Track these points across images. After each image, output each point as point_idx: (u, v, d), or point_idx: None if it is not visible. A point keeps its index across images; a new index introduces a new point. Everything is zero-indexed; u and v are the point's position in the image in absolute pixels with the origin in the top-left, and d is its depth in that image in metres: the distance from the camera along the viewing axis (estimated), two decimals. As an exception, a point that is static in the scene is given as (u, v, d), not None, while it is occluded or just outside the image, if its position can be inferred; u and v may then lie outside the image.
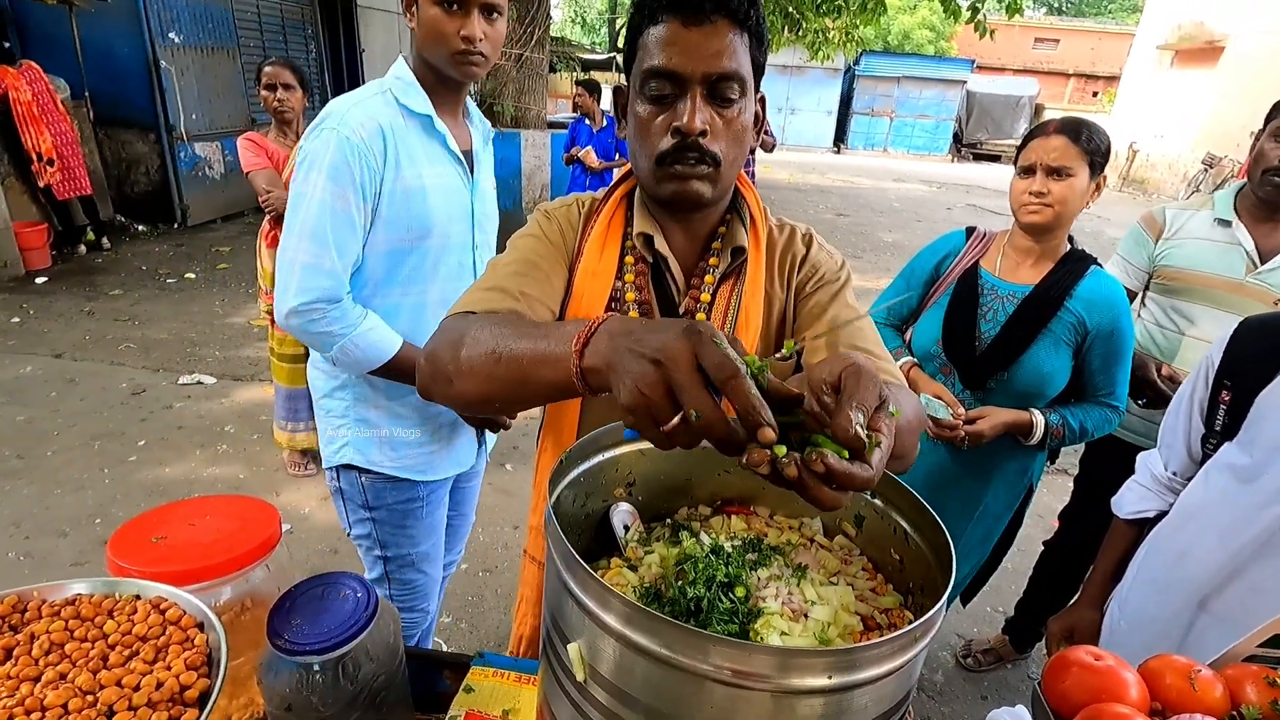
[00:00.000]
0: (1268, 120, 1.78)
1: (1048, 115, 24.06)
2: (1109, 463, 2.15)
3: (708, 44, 0.87)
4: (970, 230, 1.88)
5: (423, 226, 1.48)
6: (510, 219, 1.56)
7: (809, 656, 0.51)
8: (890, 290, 1.98)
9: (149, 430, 3.84)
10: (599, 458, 0.81)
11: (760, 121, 1.01)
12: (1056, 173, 1.64)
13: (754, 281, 1.03)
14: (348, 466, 1.61)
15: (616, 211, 1.06)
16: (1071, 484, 2.42)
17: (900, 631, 0.52)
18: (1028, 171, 1.68)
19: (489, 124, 1.75)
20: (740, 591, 0.66)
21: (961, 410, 1.74)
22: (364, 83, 1.58)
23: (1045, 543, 2.52)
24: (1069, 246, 1.78)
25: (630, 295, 1.02)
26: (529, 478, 3.68)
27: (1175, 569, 1.29)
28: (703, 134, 0.89)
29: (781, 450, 0.51)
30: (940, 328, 1.81)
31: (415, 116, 1.46)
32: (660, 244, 1.01)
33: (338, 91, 7.91)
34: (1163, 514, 1.40)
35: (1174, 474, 1.40)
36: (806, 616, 0.67)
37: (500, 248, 1.11)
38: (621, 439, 0.82)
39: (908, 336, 1.97)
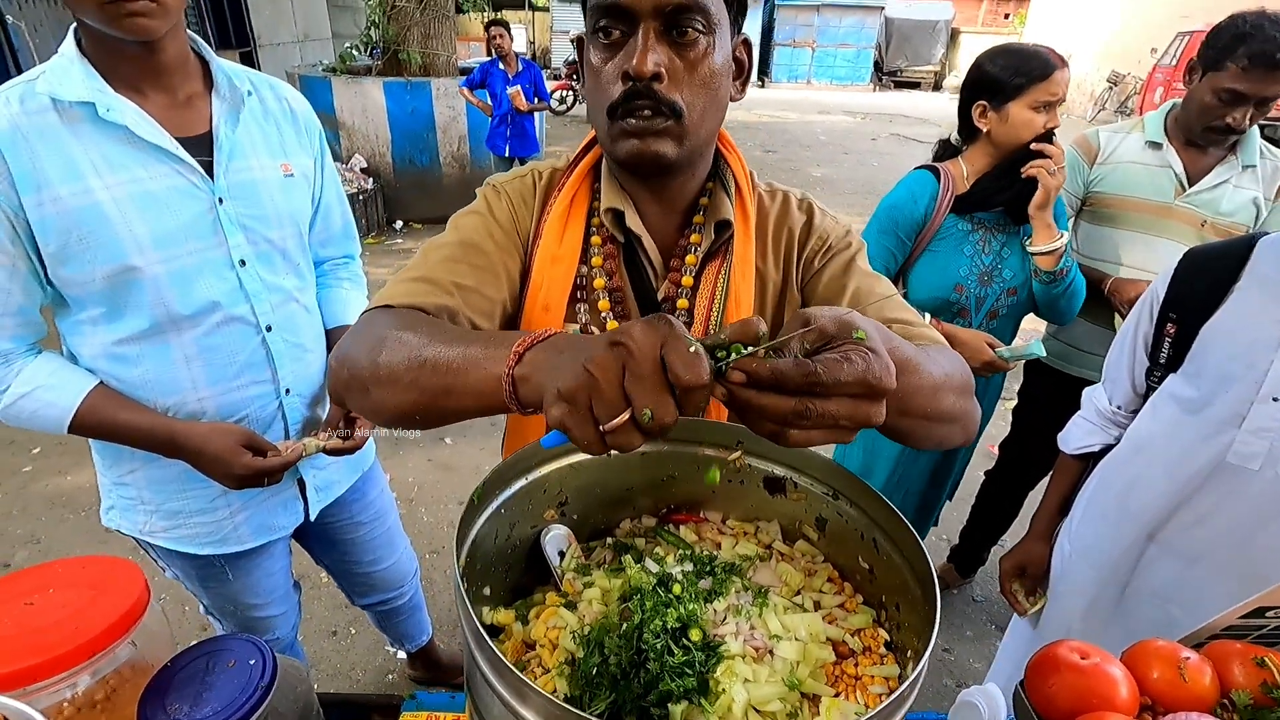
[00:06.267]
0: (1206, 62, 1.70)
1: (963, 39, 23.89)
2: (1045, 392, 2.22)
3: None
4: (932, 169, 1.81)
5: (113, 255, 1.08)
6: (428, 176, 1.30)
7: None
8: (874, 248, 1.81)
9: (43, 436, 3.50)
10: (522, 481, 0.69)
11: (746, 71, 0.85)
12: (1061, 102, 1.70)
13: (743, 260, 0.88)
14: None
15: (581, 185, 0.90)
16: (1009, 415, 2.46)
17: (882, 705, 0.43)
18: (1047, 106, 1.67)
19: (272, 82, 1.32)
20: (695, 634, 0.57)
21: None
22: (251, 34, 1.22)
23: (986, 472, 2.57)
24: None
25: (599, 281, 0.88)
26: (469, 451, 3.54)
27: (1124, 500, 1.31)
28: (656, 78, 0.73)
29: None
30: (948, 274, 1.77)
31: (77, 107, 1.05)
32: (632, 220, 0.86)
33: (219, 49, 7.07)
34: (1108, 447, 1.40)
35: (1119, 408, 1.40)
36: (772, 654, 0.58)
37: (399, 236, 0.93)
38: (545, 454, 0.71)
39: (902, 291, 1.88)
